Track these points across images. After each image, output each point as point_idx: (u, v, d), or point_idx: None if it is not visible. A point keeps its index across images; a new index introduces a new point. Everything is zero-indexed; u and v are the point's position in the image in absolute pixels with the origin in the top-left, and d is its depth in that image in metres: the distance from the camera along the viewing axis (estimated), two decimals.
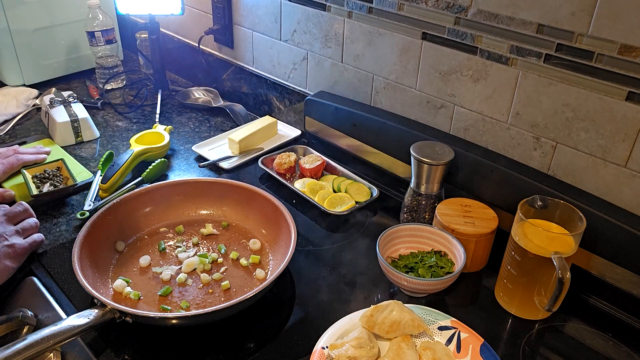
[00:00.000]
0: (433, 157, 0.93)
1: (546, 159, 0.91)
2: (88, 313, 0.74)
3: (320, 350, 0.72)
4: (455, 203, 0.95)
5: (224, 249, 0.94)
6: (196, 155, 1.25)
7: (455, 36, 0.95)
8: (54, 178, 1.10)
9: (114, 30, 1.52)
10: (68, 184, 1.08)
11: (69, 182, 1.08)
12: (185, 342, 0.78)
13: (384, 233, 0.90)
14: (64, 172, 1.12)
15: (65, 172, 1.12)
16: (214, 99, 1.49)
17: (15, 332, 0.76)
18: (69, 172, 1.11)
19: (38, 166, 1.12)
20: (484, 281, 0.92)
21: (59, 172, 1.12)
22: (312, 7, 1.18)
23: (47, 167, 1.12)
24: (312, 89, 1.28)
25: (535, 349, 0.79)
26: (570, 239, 0.79)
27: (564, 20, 0.81)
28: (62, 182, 1.09)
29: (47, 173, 1.11)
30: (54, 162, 1.14)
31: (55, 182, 1.09)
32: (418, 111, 1.08)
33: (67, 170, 1.12)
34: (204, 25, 1.47)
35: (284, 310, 0.84)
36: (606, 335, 0.82)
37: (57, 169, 1.13)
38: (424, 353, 0.72)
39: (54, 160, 1.14)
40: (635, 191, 0.83)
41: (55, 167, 1.13)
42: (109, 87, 1.55)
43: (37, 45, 1.49)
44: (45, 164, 1.13)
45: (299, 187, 1.11)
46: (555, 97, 0.86)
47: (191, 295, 0.85)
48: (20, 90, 1.46)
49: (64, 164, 1.13)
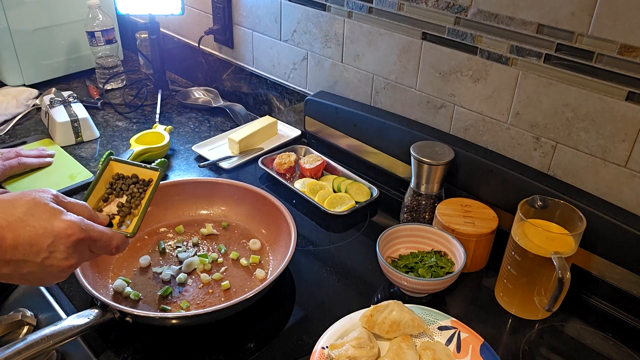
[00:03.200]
0: (433, 157, 0.93)
1: (546, 159, 0.91)
2: (88, 313, 0.74)
3: (320, 350, 0.72)
4: (455, 203, 0.95)
5: (224, 249, 0.94)
6: (196, 155, 1.25)
7: (455, 36, 0.95)
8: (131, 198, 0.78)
9: (114, 30, 1.52)
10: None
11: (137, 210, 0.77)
12: (185, 342, 0.78)
13: (384, 233, 0.90)
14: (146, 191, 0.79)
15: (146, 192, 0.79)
16: (214, 99, 1.49)
17: (15, 332, 0.76)
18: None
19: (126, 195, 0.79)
20: (484, 281, 0.92)
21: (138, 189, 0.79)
22: (312, 7, 1.18)
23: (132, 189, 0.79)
24: (312, 89, 1.28)
25: (535, 349, 0.79)
26: (570, 239, 0.79)
27: (564, 20, 0.81)
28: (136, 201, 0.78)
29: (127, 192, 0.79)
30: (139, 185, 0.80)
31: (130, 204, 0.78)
32: (418, 111, 1.08)
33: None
34: (204, 25, 1.47)
35: (284, 310, 0.84)
36: (606, 335, 0.82)
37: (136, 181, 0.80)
38: (424, 353, 0.72)
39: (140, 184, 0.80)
40: (635, 191, 0.83)
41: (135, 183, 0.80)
42: (109, 87, 1.55)
43: (37, 45, 1.49)
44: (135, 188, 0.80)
45: (299, 187, 1.11)
46: (555, 97, 0.86)
47: (191, 295, 0.85)
48: (20, 90, 1.46)
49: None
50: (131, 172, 0.78)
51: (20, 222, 0.60)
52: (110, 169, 0.79)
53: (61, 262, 0.62)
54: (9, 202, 0.61)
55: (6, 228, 0.59)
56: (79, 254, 0.64)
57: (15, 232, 0.59)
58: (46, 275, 0.63)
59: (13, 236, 0.59)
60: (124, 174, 0.78)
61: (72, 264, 0.64)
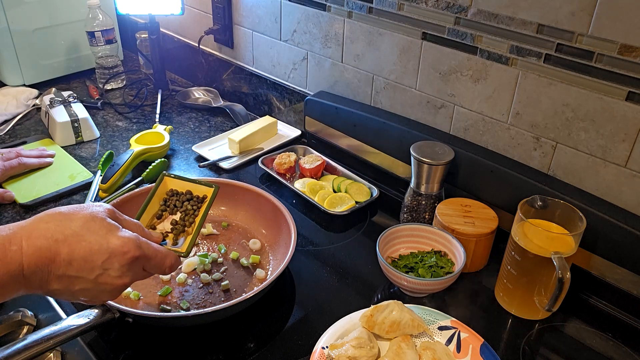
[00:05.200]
0: (433, 157, 0.93)
1: (546, 159, 0.91)
2: (88, 313, 0.74)
3: (320, 350, 0.72)
4: (455, 203, 0.95)
5: (224, 249, 0.94)
6: (196, 155, 1.25)
7: (455, 36, 0.95)
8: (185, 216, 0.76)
9: (114, 30, 1.52)
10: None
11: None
12: (185, 342, 0.78)
13: (384, 233, 0.90)
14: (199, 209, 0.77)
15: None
16: (214, 99, 1.49)
17: (15, 332, 0.76)
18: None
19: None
20: (484, 281, 0.92)
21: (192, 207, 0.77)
22: (312, 7, 1.18)
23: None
24: (312, 89, 1.28)
25: (535, 349, 0.79)
26: (570, 239, 0.79)
27: (564, 20, 0.81)
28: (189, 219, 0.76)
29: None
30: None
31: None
32: (418, 111, 1.08)
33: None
34: (204, 25, 1.47)
35: (284, 310, 0.84)
36: (606, 335, 0.82)
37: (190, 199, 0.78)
38: (424, 353, 0.72)
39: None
40: (635, 191, 0.83)
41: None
42: (109, 87, 1.55)
43: (37, 45, 1.49)
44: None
45: (299, 187, 1.11)
46: (555, 97, 0.86)
47: (191, 295, 0.85)
48: (20, 90, 1.46)
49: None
50: (185, 188, 0.77)
51: (77, 236, 0.58)
52: (164, 185, 0.77)
53: (114, 280, 0.61)
54: (66, 216, 0.60)
55: (62, 242, 0.57)
56: (133, 272, 0.63)
57: (70, 247, 0.58)
58: (98, 293, 0.61)
59: (68, 251, 0.58)
60: (178, 190, 0.77)
61: (125, 283, 0.62)
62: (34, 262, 0.56)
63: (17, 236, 0.56)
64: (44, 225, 0.58)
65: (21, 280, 0.56)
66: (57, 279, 0.58)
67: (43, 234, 0.57)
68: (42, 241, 0.57)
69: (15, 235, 0.56)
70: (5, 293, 0.56)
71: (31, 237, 0.57)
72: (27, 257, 0.56)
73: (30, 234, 0.57)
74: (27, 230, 0.57)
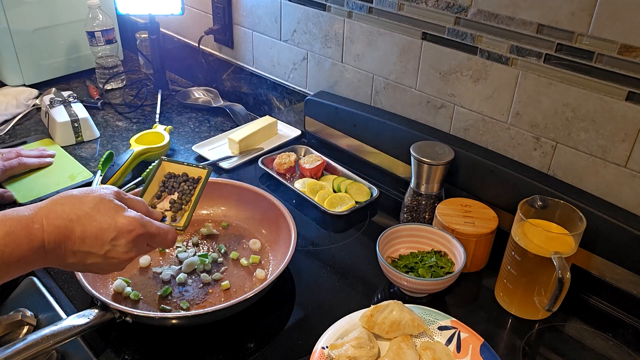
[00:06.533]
0: (433, 157, 0.93)
1: (546, 159, 0.91)
2: (88, 313, 0.74)
3: (320, 350, 0.72)
4: (455, 203, 0.95)
5: (224, 249, 0.94)
6: (196, 155, 1.25)
7: (455, 36, 0.95)
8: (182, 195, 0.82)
9: (114, 30, 1.52)
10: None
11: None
12: (185, 342, 0.78)
13: (384, 233, 0.90)
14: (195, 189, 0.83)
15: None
16: (214, 99, 1.49)
17: (15, 332, 0.76)
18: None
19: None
20: (484, 281, 0.92)
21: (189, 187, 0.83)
22: (312, 7, 1.18)
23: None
24: (312, 89, 1.28)
25: (535, 349, 0.79)
26: (570, 239, 0.79)
27: (564, 20, 0.81)
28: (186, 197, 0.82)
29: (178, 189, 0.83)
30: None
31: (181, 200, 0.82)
32: (418, 111, 1.07)
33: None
34: (204, 25, 1.47)
35: (284, 310, 0.84)
36: (606, 335, 0.82)
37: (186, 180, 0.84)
38: (424, 353, 0.72)
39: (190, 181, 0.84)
40: (635, 191, 0.83)
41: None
42: (109, 87, 1.55)
43: (37, 45, 1.49)
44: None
45: (299, 187, 1.11)
46: (555, 97, 0.86)
47: (191, 295, 0.85)
48: (20, 90, 1.46)
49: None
50: (182, 170, 0.84)
51: (89, 217, 0.65)
52: (162, 169, 0.84)
53: (122, 255, 0.68)
54: (78, 198, 0.67)
55: (76, 222, 0.64)
56: (138, 247, 0.70)
57: (83, 226, 0.65)
58: (107, 266, 0.69)
59: (81, 229, 0.65)
60: (175, 172, 0.84)
61: (131, 257, 0.70)
62: (53, 239, 0.63)
63: (38, 216, 0.63)
64: (60, 207, 0.65)
65: (42, 255, 0.63)
66: (72, 254, 0.65)
67: (60, 214, 0.64)
68: (60, 221, 0.64)
69: (36, 216, 0.63)
70: (28, 266, 0.63)
71: (49, 217, 0.63)
72: (48, 234, 0.62)
73: (49, 214, 0.64)
74: (46, 210, 0.64)
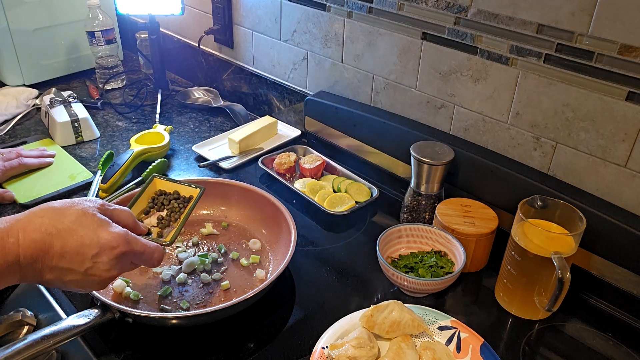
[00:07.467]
0: (433, 157, 0.93)
1: (546, 159, 0.91)
2: (88, 313, 0.74)
3: (320, 350, 0.72)
4: (455, 203, 0.95)
5: (224, 249, 0.94)
6: (196, 155, 1.25)
7: (455, 36, 0.95)
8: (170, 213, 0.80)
9: (114, 30, 1.52)
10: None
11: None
12: (185, 342, 0.78)
13: (384, 233, 0.90)
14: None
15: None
16: (214, 99, 1.49)
17: (15, 332, 0.76)
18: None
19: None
20: (484, 281, 0.92)
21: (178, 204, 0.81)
22: (312, 7, 1.18)
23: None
24: (312, 89, 1.28)
25: (535, 349, 0.79)
26: (570, 239, 0.79)
27: (564, 20, 0.81)
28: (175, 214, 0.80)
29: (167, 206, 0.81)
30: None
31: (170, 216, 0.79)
32: (418, 111, 1.07)
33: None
34: (204, 25, 1.47)
35: (284, 310, 0.84)
36: (606, 335, 0.82)
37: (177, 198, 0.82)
38: (424, 353, 0.72)
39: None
40: (635, 191, 0.83)
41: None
42: (109, 87, 1.55)
43: (37, 45, 1.49)
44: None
45: (299, 187, 1.11)
46: (555, 97, 0.86)
47: (191, 295, 0.85)
48: (20, 90, 1.46)
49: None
50: (173, 189, 0.81)
51: (69, 231, 0.61)
52: (153, 186, 0.82)
53: (103, 273, 0.64)
54: (59, 211, 0.63)
55: (55, 236, 0.60)
56: (121, 265, 0.66)
57: (63, 240, 0.61)
58: (87, 283, 0.64)
59: (61, 244, 0.60)
60: (166, 190, 0.81)
61: (113, 275, 0.65)
62: (29, 254, 0.59)
63: (14, 229, 0.59)
64: (39, 220, 0.61)
65: (17, 270, 0.59)
66: (50, 270, 0.61)
67: (38, 227, 0.60)
68: (37, 234, 0.59)
69: (12, 229, 0.59)
70: (2, 282, 0.59)
71: (27, 230, 0.59)
72: (24, 249, 0.59)
73: (26, 227, 0.60)
74: (23, 223, 0.60)
